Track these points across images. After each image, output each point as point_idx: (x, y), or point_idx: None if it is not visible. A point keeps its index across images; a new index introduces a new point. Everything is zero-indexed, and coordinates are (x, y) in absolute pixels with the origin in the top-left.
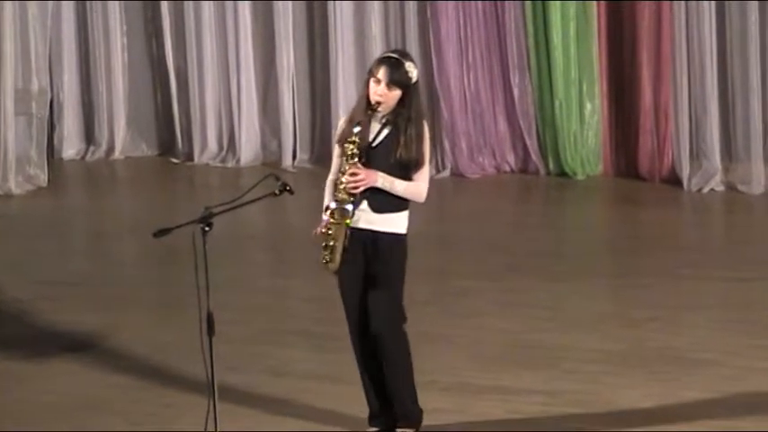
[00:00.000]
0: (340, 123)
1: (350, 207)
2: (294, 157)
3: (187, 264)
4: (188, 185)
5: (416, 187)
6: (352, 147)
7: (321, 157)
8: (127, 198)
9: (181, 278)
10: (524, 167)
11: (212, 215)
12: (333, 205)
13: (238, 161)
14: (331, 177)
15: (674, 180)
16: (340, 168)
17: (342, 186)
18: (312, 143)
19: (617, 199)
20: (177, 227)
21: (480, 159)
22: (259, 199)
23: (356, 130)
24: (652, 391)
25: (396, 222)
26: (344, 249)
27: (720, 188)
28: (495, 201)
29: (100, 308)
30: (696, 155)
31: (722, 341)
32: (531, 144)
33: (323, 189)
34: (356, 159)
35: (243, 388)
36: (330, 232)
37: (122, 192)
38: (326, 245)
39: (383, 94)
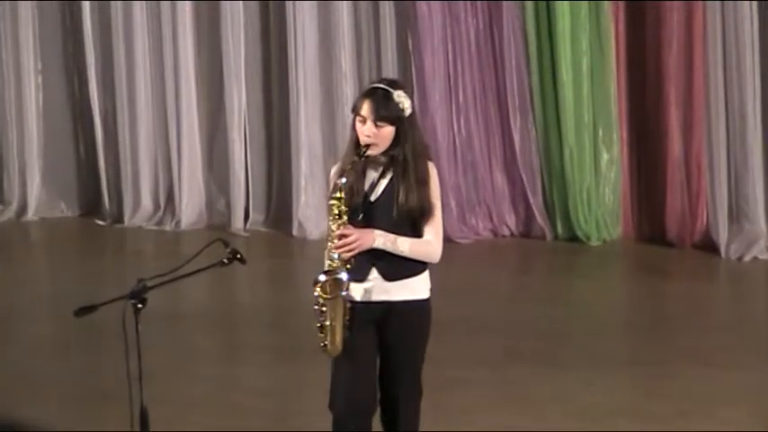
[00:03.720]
0: (331, 175)
1: (344, 276)
2: (246, 218)
3: (116, 348)
4: (117, 253)
5: (425, 246)
6: (337, 204)
7: (279, 219)
8: (42, 268)
9: (108, 366)
10: (527, 231)
11: (146, 289)
12: (322, 278)
13: (178, 224)
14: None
15: (709, 246)
16: (328, 232)
17: (331, 253)
18: (268, 202)
19: (639, 269)
20: (104, 303)
21: (473, 221)
22: (204, 269)
23: (341, 182)
24: None
25: (415, 287)
26: (346, 328)
27: (765, 256)
28: (490, 271)
29: (9, 401)
30: (736, 216)
31: None
32: (536, 202)
33: (280, 257)
34: (345, 218)
35: None
36: (324, 309)
37: (37, 260)
38: (323, 326)
39: (372, 134)
